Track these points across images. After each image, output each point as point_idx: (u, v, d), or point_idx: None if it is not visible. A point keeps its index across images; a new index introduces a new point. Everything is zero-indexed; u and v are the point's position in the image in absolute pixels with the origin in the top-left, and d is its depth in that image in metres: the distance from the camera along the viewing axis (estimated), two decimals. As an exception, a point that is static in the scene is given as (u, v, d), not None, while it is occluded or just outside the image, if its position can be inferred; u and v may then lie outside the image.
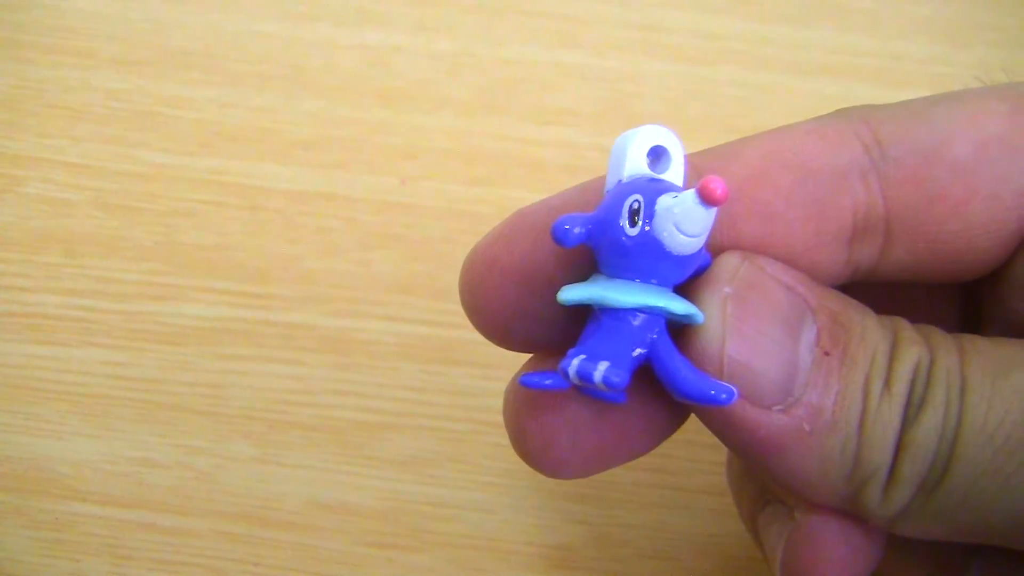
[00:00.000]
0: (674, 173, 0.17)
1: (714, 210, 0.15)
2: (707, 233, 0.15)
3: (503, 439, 0.27)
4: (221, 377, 0.27)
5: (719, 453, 0.26)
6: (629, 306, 0.16)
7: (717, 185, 0.14)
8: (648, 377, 0.16)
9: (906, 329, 0.16)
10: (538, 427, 0.18)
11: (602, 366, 0.15)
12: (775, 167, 0.17)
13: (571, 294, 0.16)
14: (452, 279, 0.29)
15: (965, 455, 0.15)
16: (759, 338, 0.16)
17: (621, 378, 0.15)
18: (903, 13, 0.35)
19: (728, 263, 0.16)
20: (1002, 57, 0.34)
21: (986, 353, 0.16)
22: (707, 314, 0.16)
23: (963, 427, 0.15)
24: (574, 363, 0.15)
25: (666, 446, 0.26)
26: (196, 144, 0.31)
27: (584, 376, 0.15)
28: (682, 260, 0.16)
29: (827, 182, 0.17)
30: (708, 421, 0.17)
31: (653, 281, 0.16)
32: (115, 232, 0.30)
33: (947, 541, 0.17)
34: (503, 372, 0.27)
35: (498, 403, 0.26)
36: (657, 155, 0.17)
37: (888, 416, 0.15)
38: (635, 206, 0.15)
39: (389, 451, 0.26)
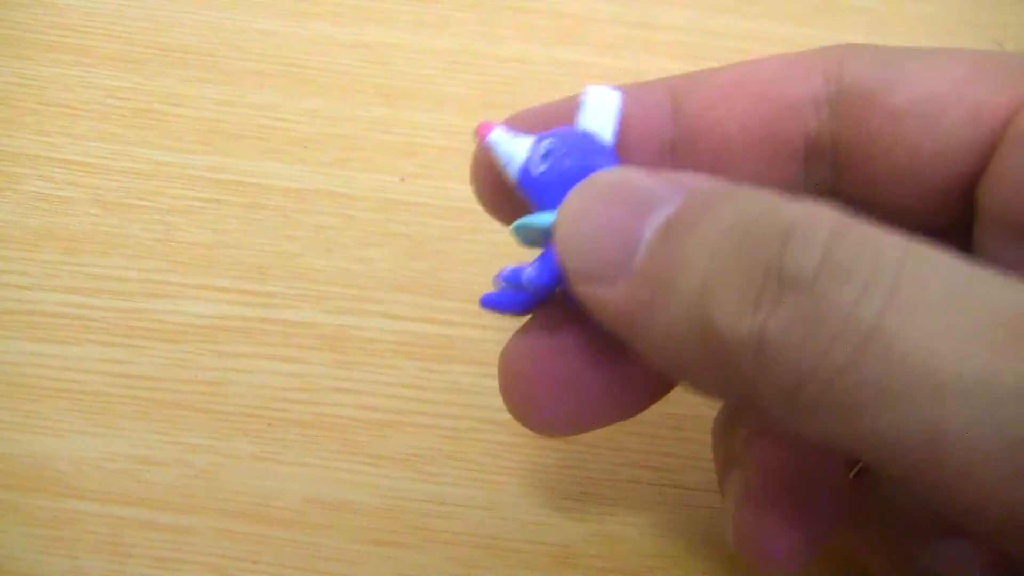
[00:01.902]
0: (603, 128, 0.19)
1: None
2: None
3: (503, 437, 0.27)
4: (220, 375, 0.27)
5: (719, 451, 0.26)
6: (521, 225, 0.18)
7: (480, 125, 0.19)
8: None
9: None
10: (525, 382, 0.19)
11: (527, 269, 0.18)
12: (738, 92, 0.19)
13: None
14: (451, 277, 0.29)
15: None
16: (591, 219, 0.16)
17: (530, 276, 0.18)
18: (903, 12, 0.35)
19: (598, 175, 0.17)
20: (1002, 55, 0.34)
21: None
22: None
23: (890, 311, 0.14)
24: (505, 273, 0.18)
25: (666, 444, 0.26)
26: (195, 142, 0.31)
27: (509, 278, 0.18)
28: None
29: (780, 109, 0.19)
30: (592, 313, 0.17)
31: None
32: (114, 230, 0.30)
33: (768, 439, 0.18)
34: (503, 370, 0.27)
35: (498, 401, 0.26)
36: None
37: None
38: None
39: (388, 449, 0.26)
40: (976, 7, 0.35)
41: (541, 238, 0.18)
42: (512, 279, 0.18)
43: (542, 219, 0.17)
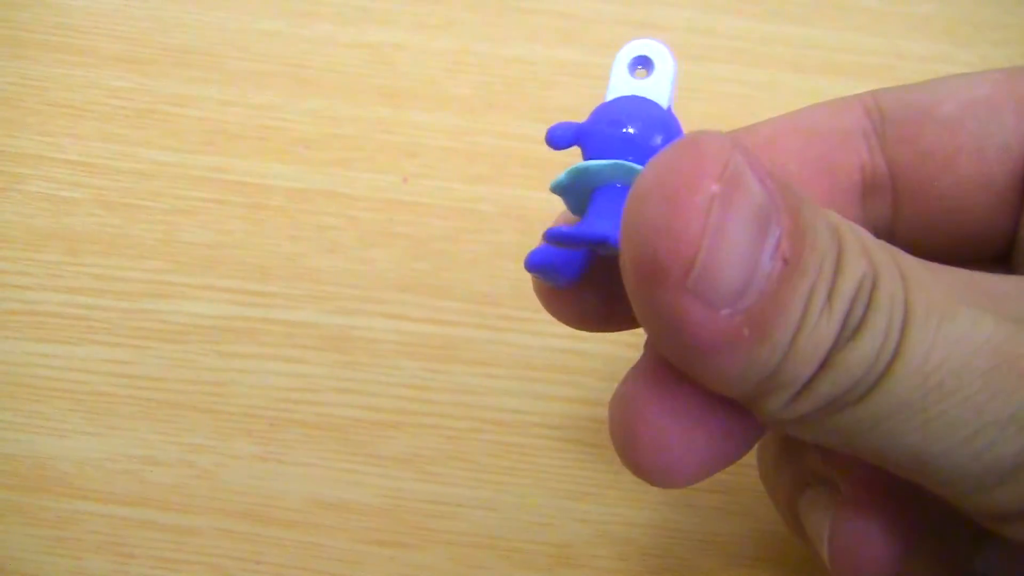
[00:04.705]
0: (655, 83, 0.18)
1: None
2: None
3: (504, 437, 0.27)
4: (222, 375, 0.27)
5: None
6: (600, 166, 0.16)
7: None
8: None
9: (848, 234, 0.15)
10: (650, 430, 0.17)
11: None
12: (784, 132, 0.19)
13: (559, 179, 0.17)
14: (453, 277, 0.29)
15: (891, 389, 0.15)
16: (732, 240, 0.14)
17: (584, 229, 0.16)
18: (905, 11, 0.35)
19: (715, 153, 0.15)
20: (1004, 55, 0.34)
21: (928, 285, 0.15)
22: (687, 215, 0.14)
23: (898, 361, 0.14)
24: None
25: (667, 444, 0.26)
26: (198, 142, 0.31)
27: (558, 233, 0.16)
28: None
29: (833, 141, 0.19)
30: (648, 311, 0.15)
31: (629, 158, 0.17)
32: (117, 230, 0.30)
33: (834, 451, 0.17)
34: (504, 371, 0.27)
35: (499, 401, 0.26)
36: (642, 64, 0.18)
37: (823, 333, 0.14)
38: None
39: (390, 449, 0.26)
40: (976, 7, 0.35)
41: (584, 190, 0.17)
42: (561, 235, 0.16)
43: (599, 165, 0.16)
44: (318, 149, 0.31)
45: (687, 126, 0.18)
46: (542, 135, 0.19)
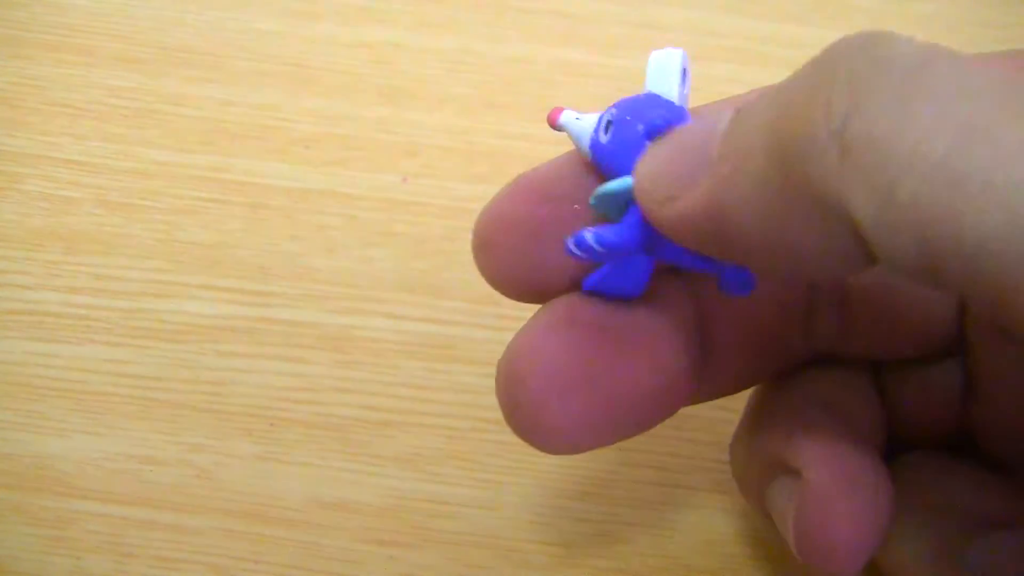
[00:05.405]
0: (668, 88, 0.19)
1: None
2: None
3: (505, 437, 0.27)
4: (222, 374, 0.27)
5: (721, 451, 0.26)
6: (601, 193, 0.17)
7: (549, 113, 0.19)
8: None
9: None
10: (536, 383, 0.17)
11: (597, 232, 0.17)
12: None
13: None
14: (454, 276, 0.29)
15: None
16: (668, 148, 0.16)
17: (605, 237, 0.17)
18: (905, 11, 0.35)
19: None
20: (1004, 55, 0.34)
21: None
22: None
23: None
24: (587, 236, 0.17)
25: (668, 444, 0.26)
26: (197, 141, 0.31)
27: (583, 244, 0.17)
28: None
29: None
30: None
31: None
32: (116, 230, 0.30)
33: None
34: (505, 370, 0.27)
35: (499, 401, 0.26)
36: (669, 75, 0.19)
37: None
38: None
39: (391, 449, 0.26)
40: (977, 6, 0.35)
41: (617, 206, 0.17)
42: (590, 242, 0.17)
43: (620, 184, 0.17)
44: (318, 149, 0.31)
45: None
46: (543, 135, 0.19)
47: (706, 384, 0.20)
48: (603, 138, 0.18)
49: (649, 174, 0.16)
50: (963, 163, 0.12)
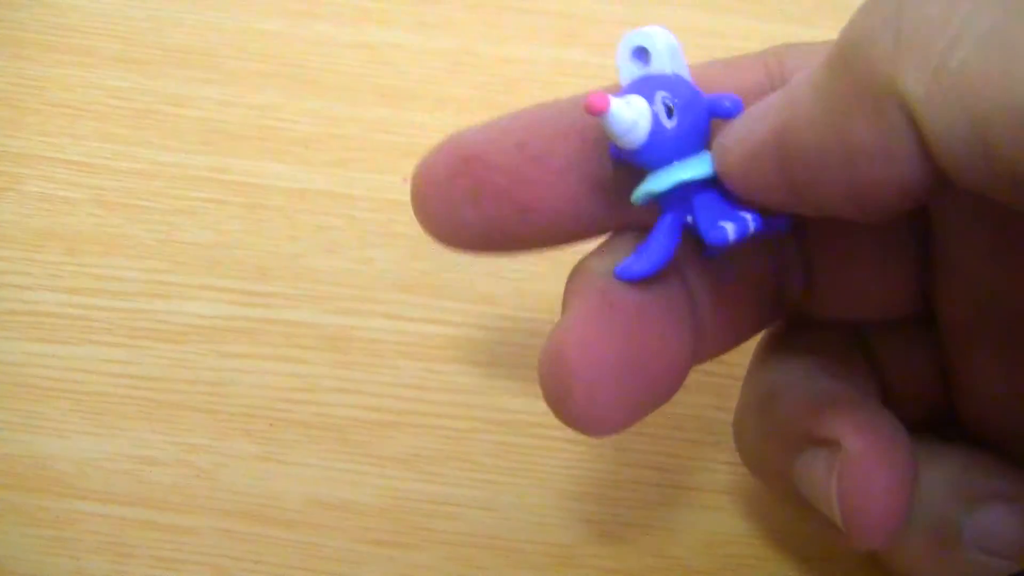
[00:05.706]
0: (658, 67, 0.19)
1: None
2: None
3: (505, 437, 0.27)
4: (222, 375, 0.27)
5: (721, 451, 0.26)
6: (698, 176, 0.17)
7: (593, 99, 0.17)
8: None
9: None
10: (585, 371, 0.17)
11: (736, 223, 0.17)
12: None
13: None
14: (453, 277, 0.29)
15: None
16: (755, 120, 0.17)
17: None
18: (904, 11, 0.35)
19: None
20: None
21: None
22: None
23: None
24: (729, 228, 0.17)
25: (668, 444, 0.26)
26: (197, 142, 0.31)
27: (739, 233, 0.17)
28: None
29: None
30: None
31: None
32: (116, 230, 0.30)
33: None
34: (505, 371, 0.27)
35: (499, 401, 0.26)
36: (641, 54, 0.19)
37: None
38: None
39: (390, 449, 0.26)
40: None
41: (673, 196, 0.17)
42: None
43: (691, 168, 0.17)
44: (317, 149, 0.31)
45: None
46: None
47: (696, 356, 0.20)
48: (668, 124, 0.17)
49: (735, 135, 0.17)
50: (1012, 31, 0.12)
